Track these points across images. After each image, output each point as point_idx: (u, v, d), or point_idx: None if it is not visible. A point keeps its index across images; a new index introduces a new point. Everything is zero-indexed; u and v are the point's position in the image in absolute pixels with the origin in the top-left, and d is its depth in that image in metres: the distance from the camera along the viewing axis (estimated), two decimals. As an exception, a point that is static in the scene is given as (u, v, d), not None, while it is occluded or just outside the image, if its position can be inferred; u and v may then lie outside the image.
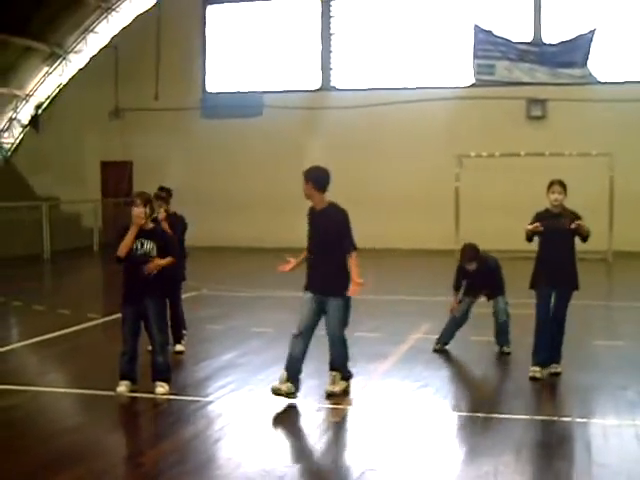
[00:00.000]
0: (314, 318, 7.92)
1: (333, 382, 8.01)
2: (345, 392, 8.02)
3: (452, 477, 5.84)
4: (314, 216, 8.04)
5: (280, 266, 8.27)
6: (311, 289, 7.94)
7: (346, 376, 8.15)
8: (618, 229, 19.40)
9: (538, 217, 8.58)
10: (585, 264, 9.34)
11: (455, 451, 6.52)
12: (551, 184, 8.55)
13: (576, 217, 8.43)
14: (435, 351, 9.79)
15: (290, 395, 7.72)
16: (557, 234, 8.38)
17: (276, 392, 7.71)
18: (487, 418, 7.23)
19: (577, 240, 8.51)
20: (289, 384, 7.74)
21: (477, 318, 10.01)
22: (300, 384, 7.84)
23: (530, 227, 8.43)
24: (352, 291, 7.72)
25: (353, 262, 7.79)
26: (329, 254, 7.84)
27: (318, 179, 7.97)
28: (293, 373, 7.81)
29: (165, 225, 9.47)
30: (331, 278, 7.81)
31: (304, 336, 7.88)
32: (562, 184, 8.52)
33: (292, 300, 12.48)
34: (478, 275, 9.59)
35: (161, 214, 9.54)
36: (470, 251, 9.58)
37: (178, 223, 9.83)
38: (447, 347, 9.88)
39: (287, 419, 7.39)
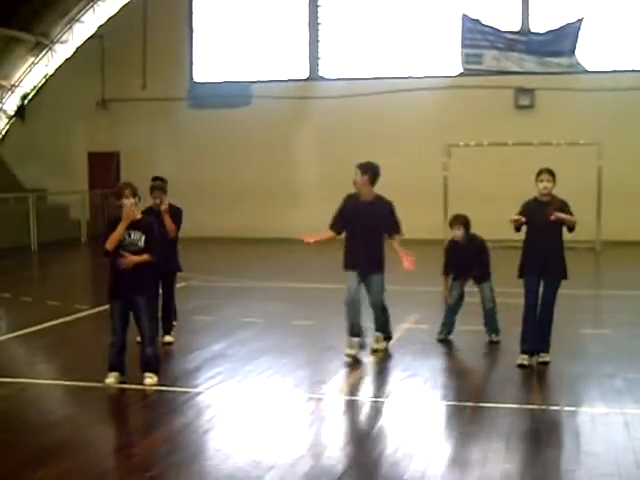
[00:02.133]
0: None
1: (377, 341, 9.25)
2: (386, 350, 9.26)
3: (441, 465, 5.86)
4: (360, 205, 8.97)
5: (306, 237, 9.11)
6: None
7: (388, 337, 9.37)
8: (606, 218, 19.47)
9: (526, 206, 8.57)
10: (573, 253, 9.37)
11: (444, 440, 6.54)
12: (540, 172, 8.54)
13: (564, 206, 8.44)
14: (440, 341, 9.79)
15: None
16: (544, 224, 8.38)
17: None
18: (476, 407, 7.25)
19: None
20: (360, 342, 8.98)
21: (466, 307, 10.02)
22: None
23: (514, 217, 8.41)
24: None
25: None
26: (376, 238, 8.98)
27: (376, 174, 9.08)
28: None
29: (167, 217, 9.35)
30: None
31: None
32: (551, 172, 8.51)
33: (281, 291, 12.52)
34: (466, 251, 9.62)
35: (164, 205, 9.39)
36: (457, 217, 9.73)
37: (178, 214, 9.67)
38: (442, 337, 9.90)
39: (277, 409, 7.39)
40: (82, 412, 7.47)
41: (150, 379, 7.87)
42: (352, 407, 7.54)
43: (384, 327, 9.29)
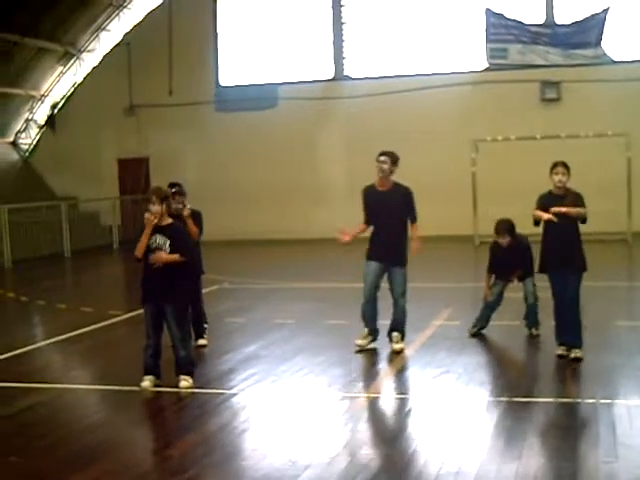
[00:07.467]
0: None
1: (396, 341, 9.22)
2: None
3: (477, 461, 5.85)
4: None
5: (342, 237, 9.28)
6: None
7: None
8: (637, 209, 19.25)
9: (542, 199, 8.53)
10: (605, 246, 9.32)
11: (479, 435, 6.52)
12: (554, 165, 8.49)
13: (579, 199, 8.38)
14: (472, 335, 9.78)
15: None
16: (561, 217, 8.32)
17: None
18: (510, 402, 7.23)
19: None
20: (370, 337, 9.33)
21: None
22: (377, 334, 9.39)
23: (545, 217, 8.32)
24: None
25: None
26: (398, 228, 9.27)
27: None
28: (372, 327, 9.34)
29: (191, 222, 9.40)
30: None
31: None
32: (565, 165, 8.46)
33: (310, 291, 12.56)
34: (512, 253, 9.55)
35: (186, 211, 9.45)
36: (502, 224, 9.59)
37: (198, 217, 9.76)
38: (474, 332, 9.88)
39: (311, 409, 7.42)
40: (118, 416, 7.56)
41: (185, 382, 7.95)
42: (386, 405, 7.55)
43: (403, 324, 9.36)
